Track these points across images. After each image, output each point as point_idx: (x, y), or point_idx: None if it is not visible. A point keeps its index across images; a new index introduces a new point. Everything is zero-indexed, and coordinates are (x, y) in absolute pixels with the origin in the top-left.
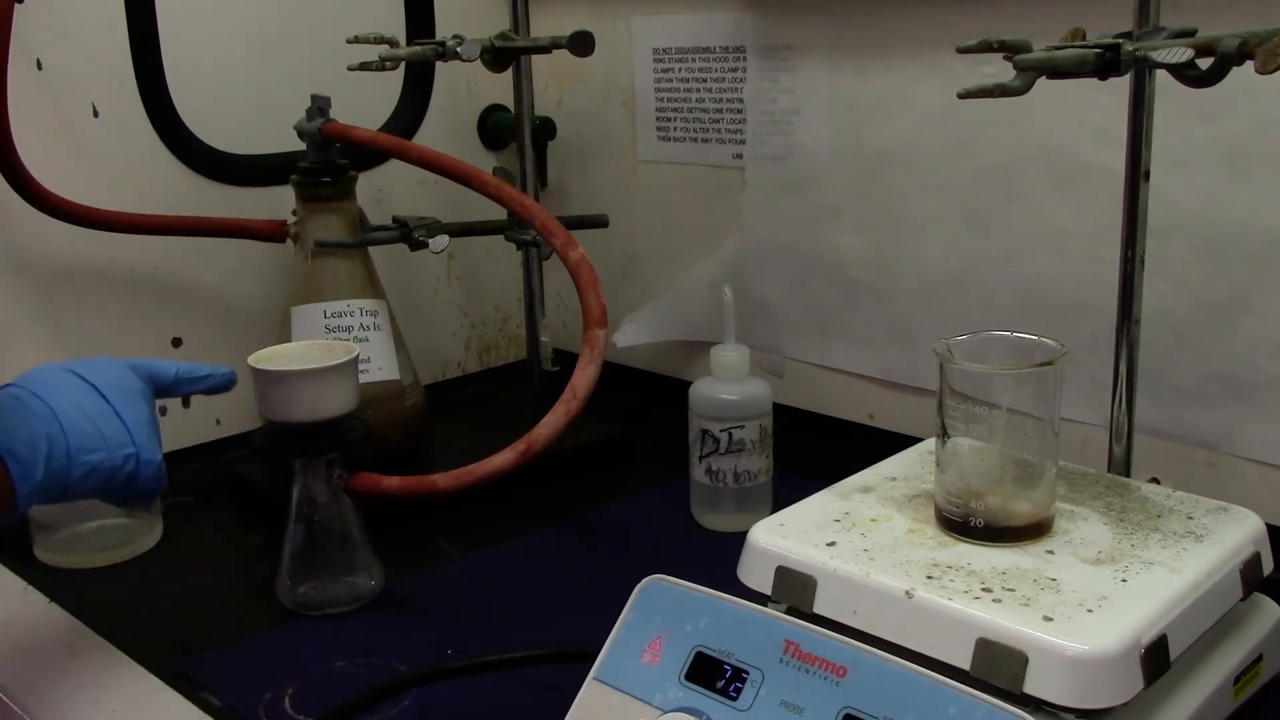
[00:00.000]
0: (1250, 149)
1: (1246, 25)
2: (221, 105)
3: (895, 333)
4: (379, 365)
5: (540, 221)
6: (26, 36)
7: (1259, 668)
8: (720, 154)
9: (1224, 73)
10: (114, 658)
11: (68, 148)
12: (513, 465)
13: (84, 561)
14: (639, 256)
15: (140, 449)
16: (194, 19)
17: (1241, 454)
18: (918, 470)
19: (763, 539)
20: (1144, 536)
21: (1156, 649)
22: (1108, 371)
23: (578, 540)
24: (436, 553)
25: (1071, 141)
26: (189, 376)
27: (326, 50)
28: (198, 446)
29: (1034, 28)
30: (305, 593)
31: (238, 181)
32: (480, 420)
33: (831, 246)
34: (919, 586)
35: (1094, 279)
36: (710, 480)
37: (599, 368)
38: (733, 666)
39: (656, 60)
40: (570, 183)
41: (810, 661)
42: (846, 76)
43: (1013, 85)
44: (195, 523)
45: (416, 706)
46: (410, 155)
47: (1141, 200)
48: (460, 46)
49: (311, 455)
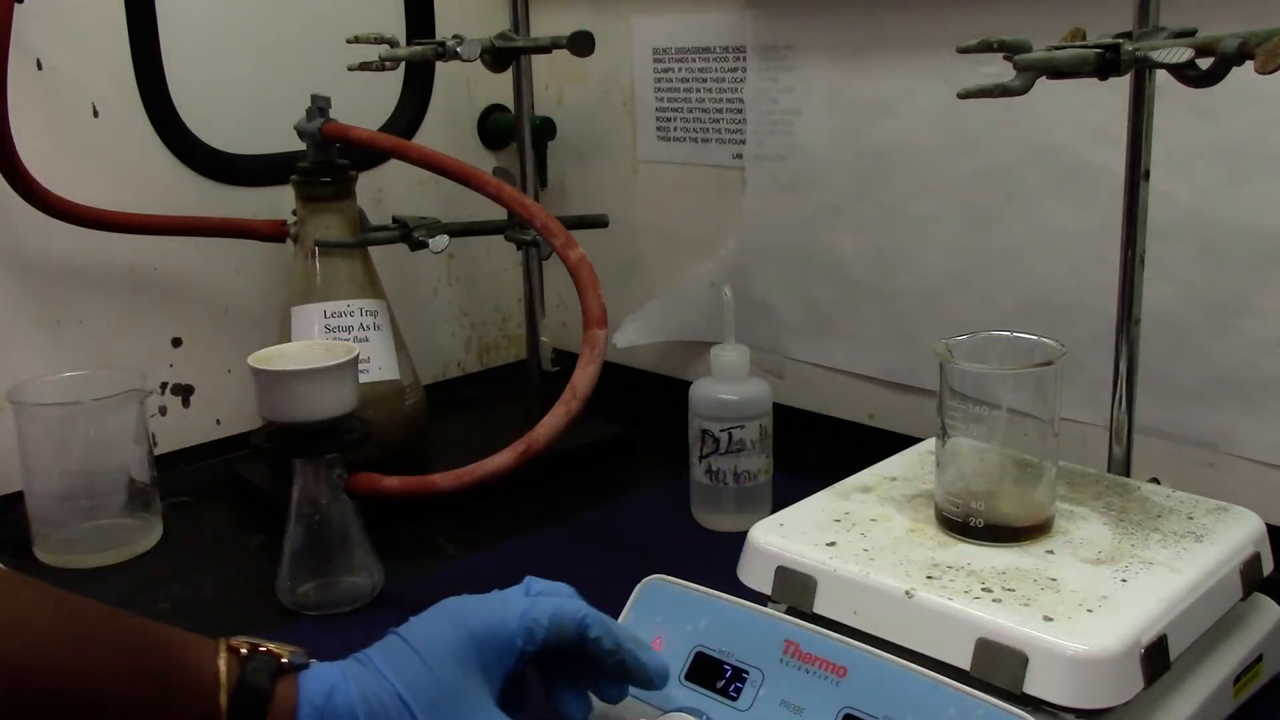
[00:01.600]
0: (1250, 149)
1: (1246, 25)
2: (221, 105)
3: (895, 333)
4: (379, 365)
5: (540, 221)
6: (26, 36)
7: (1259, 668)
8: (720, 154)
9: (1224, 73)
10: None
11: (68, 148)
12: (512, 465)
13: (84, 561)
14: (639, 256)
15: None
16: (194, 19)
17: (1241, 454)
18: (918, 470)
19: (763, 539)
20: (1144, 536)
21: (1156, 649)
22: (1108, 371)
23: (578, 540)
24: (436, 553)
25: (1071, 141)
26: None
27: (326, 50)
28: (198, 446)
29: (1034, 28)
30: (305, 593)
31: (238, 181)
32: (480, 420)
33: (831, 246)
34: (919, 586)
35: (1094, 279)
36: (710, 480)
37: (599, 368)
38: (733, 666)
39: (656, 60)
40: (570, 183)
41: (810, 661)
42: (846, 76)
43: (1013, 85)
44: (195, 523)
45: None
46: (410, 155)
47: (1141, 200)
48: (460, 46)
49: (311, 455)
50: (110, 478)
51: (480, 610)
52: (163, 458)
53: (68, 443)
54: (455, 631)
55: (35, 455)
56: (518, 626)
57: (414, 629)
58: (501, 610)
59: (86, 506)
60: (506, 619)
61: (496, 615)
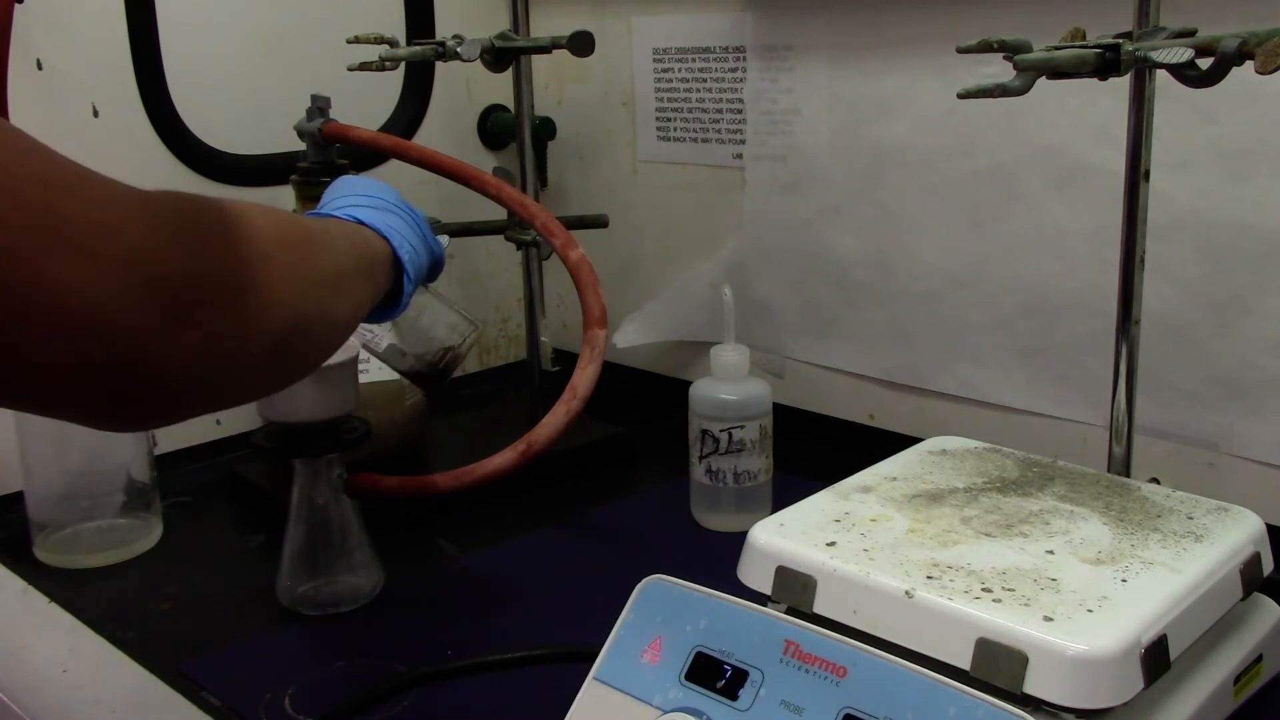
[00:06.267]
0: (1250, 149)
1: (1246, 25)
2: (221, 105)
3: (895, 333)
4: (379, 365)
5: (540, 221)
6: (26, 36)
7: (1259, 668)
8: (720, 154)
9: (1224, 73)
10: (114, 658)
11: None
12: (513, 465)
13: (84, 561)
14: (639, 256)
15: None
16: (194, 19)
17: (1241, 454)
18: (918, 470)
19: (763, 539)
20: (1144, 536)
21: (1156, 649)
22: (1108, 371)
23: (578, 540)
24: (436, 553)
25: (1071, 141)
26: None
27: (326, 50)
28: (198, 446)
29: (1034, 28)
30: (305, 593)
31: (238, 181)
32: (480, 420)
33: (831, 246)
34: (919, 586)
35: (1094, 279)
36: (710, 480)
37: (599, 368)
38: (733, 666)
39: (656, 60)
40: (570, 183)
41: (810, 661)
42: (846, 76)
43: (1013, 85)
44: (195, 523)
45: (416, 706)
46: (410, 155)
47: (1141, 200)
48: (460, 46)
49: (311, 455)
50: (110, 478)
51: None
52: (163, 458)
53: (68, 443)
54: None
55: (35, 455)
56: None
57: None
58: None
59: (86, 506)
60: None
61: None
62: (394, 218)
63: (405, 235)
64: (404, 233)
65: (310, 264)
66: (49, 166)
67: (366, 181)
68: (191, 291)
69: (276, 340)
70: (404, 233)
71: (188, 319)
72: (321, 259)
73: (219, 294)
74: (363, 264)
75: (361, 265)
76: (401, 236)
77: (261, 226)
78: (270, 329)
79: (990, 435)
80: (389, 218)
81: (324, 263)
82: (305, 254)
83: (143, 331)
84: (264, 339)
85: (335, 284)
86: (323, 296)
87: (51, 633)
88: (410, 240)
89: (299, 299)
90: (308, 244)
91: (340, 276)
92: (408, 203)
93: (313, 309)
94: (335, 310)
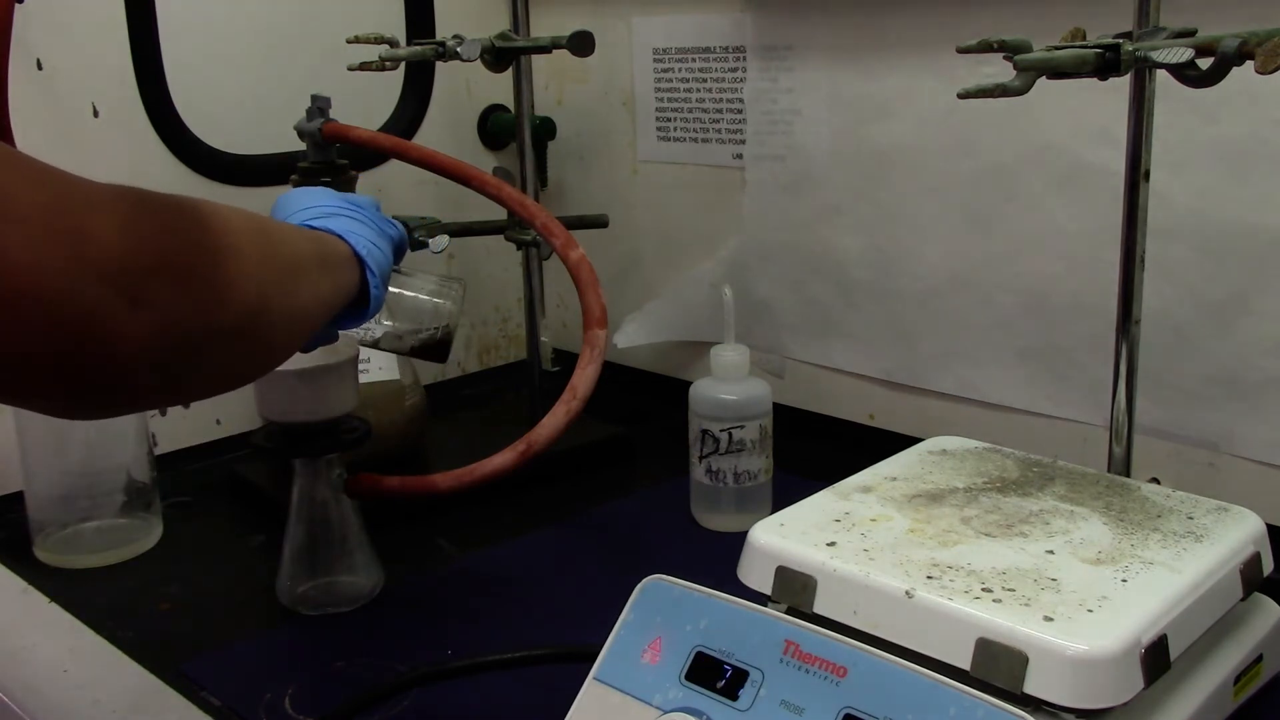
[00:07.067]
0: (1250, 149)
1: (1246, 25)
2: (221, 105)
3: (895, 333)
4: (379, 365)
5: (540, 221)
6: (26, 36)
7: (1259, 668)
8: (720, 154)
9: (1224, 73)
10: (114, 658)
11: (68, 148)
12: (512, 465)
13: (84, 561)
14: (639, 256)
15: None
16: (194, 19)
17: (1241, 454)
18: (918, 470)
19: (763, 539)
20: (1144, 536)
21: (1156, 649)
22: (1108, 371)
23: (578, 540)
24: (436, 553)
25: (1071, 141)
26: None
27: (326, 50)
28: (198, 446)
29: (1034, 28)
30: (305, 593)
31: (238, 181)
32: (480, 420)
33: (831, 246)
34: (919, 586)
35: (1094, 279)
36: (710, 480)
37: (599, 368)
38: (733, 666)
39: (656, 60)
40: (570, 183)
41: (810, 661)
42: (846, 76)
43: (1013, 85)
44: (195, 523)
45: (416, 706)
46: (410, 155)
47: (1141, 200)
48: (460, 46)
49: (311, 455)
50: (110, 478)
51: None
52: (163, 458)
53: (68, 443)
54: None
55: (35, 455)
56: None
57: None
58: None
59: (86, 506)
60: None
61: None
62: (344, 220)
63: (360, 233)
64: (358, 231)
65: (270, 250)
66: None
67: (301, 192)
68: (146, 269)
69: (237, 323)
70: (358, 231)
71: (142, 297)
72: (281, 249)
73: (176, 271)
74: (324, 260)
75: (323, 261)
76: (357, 236)
77: (220, 211)
78: (231, 310)
79: (990, 435)
80: (339, 221)
81: (284, 251)
82: (264, 241)
83: (95, 309)
84: (224, 321)
85: (295, 271)
86: (284, 281)
87: (51, 633)
88: (366, 236)
89: (259, 280)
90: (265, 233)
91: (300, 265)
92: (351, 199)
93: (273, 292)
94: (297, 298)
